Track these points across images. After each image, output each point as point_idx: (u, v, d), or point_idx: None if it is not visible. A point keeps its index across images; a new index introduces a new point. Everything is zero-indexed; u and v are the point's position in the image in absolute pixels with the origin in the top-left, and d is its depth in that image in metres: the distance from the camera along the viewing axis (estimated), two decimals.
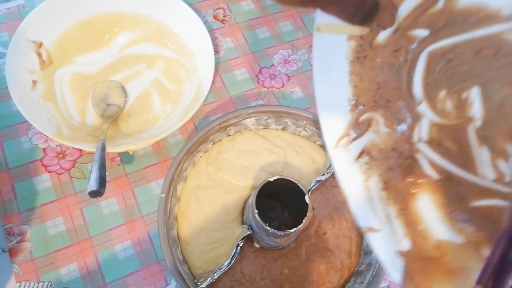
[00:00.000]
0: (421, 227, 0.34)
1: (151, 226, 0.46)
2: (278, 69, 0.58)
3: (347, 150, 0.37)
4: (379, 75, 0.34)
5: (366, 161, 0.37)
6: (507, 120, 0.29)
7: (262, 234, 0.39)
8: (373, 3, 0.26)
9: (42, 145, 0.48)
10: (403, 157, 0.35)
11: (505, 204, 0.29)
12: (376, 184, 0.36)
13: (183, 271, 0.40)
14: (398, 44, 0.32)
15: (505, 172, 0.29)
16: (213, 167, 0.47)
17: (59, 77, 0.49)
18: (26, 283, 0.42)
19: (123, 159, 0.49)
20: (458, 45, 0.29)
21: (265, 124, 0.49)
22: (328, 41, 0.33)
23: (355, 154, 0.37)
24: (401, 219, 0.35)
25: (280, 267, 0.43)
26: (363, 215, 0.36)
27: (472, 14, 0.27)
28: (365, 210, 0.36)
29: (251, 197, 0.40)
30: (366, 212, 0.36)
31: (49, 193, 0.46)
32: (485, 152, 0.30)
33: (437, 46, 0.30)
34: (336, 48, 0.34)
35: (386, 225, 0.35)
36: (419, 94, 0.33)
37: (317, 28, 0.33)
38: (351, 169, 0.37)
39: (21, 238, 0.44)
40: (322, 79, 0.36)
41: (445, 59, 0.30)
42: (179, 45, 0.53)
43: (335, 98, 0.35)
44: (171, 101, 0.51)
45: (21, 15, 0.56)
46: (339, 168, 0.37)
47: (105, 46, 0.53)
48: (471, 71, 0.29)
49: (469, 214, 0.31)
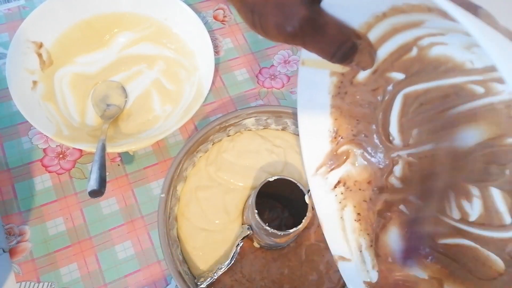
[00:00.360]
0: (390, 260, 0.35)
1: (151, 226, 0.46)
2: (278, 70, 0.58)
3: (325, 179, 0.39)
4: (358, 111, 0.36)
5: (342, 191, 0.39)
6: (471, 163, 0.30)
7: (262, 234, 0.39)
8: (351, 45, 0.27)
9: (42, 146, 0.48)
10: (377, 191, 0.36)
11: (468, 243, 0.30)
12: (350, 215, 0.38)
13: (183, 271, 0.40)
14: (376, 84, 0.34)
15: (469, 212, 0.30)
16: (213, 167, 0.47)
17: (59, 78, 0.49)
18: (26, 283, 0.42)
19: (123, 159, 0.49)
20: (429, 90, 0.31)
21: (265, 124, 0.49)
22: (313, 75, 0.35)
23: (332, 183, 0.39)
24: (371, 251, 0.36)
25: (280, 267, 0.43)
26: (336, 244, 0.38)
27: (441, 64, 0.29)
28: (338, 238, 0.38)
29: (251, 197, 0.40)
30: (339, 241, 0.38)
31: (49, 193, 0.46)
32: (451, 192, 0.31)
33: (411, 89, 0.32)
34: (319, 82, 0.35)
35: (356, 255, 0.37)
36: (394, 132, 0.35)
37: (302, 62, 0.35)
38: (327, 197, 0.39)
39: (21, 238, 0.44)
40: (305, 109, 0.37)
41: (418, 102, 0.32)
42: (179, 45, 0.53)
43: (317, 128, 0.37)
44: (171, 101, 0.51)
45: (21, 15, 0.56)
46: (316, 195, 0.39)
47: (105, 46, 0.53)
48: (439, 115, 0.31)
49: (435, 251, 0.32)
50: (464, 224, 0.31)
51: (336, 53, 0.27)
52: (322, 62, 0.31)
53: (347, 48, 0.27)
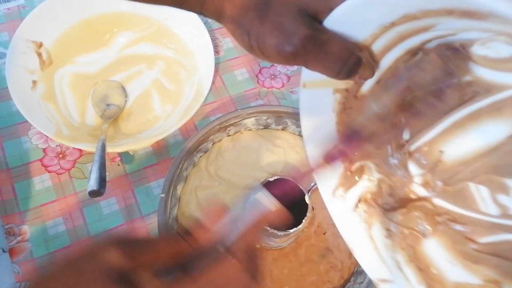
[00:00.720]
0: (434, 271, 0.33)
1: (151, 226, 0.46)
2: (278, 69, 0.58)
3: (344, 201, 0.36)
4: (366, 124, 0.34)
5: (365, 209, 0.36)
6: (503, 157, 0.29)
7: (262, 234, 0.39)
8: (356, 60, 0.26)
9: (42, 145, 0.48)
10: (400, 202, 0.35)
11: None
12: (379, 232, 0.35)
13: None
14: (381, 94, 0.32)
15: (508, 206, 0.29)
16: (213, 167, 0.47)
17: (59, 77, 0.49)
18: (26, 283, 0.42)
19: (123, 159, 0.49)
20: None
21: (265, 124, 0.49)
22: (315, 96, 0.34)
23: (352, 204, 0.36)
24: (411, 266, 0.34)
25: (280, 267, 0.43)
26: (373, 266, 0.35)
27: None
28: (373, 260, 0.35)
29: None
30: (375, 262, 0.35)
31: (49, 193, 0.46)
32: (484, 189, 0.30)
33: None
34: (322, 102, 0.34)
35: (397, 274, 0.34)
36: (407, 137, 0.33)
37: (303, 85, 0.33)
38: (351, 219, 0.36)
39: (21, 238, 0.44)
40: (311, 132, 0.36)
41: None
42: (179, 45, 0.53)
43: (325, 150, 0.35)
44: (171, 101, 0.51)
45: (21, 15, 0.56)
46: (338, 220, 0.36)
47: (105, 46, 0.53)
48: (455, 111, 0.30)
49: (479, 253, 0.31)
50: (506, 219, 0.29)
51: (341, 70, 0.26)
52: (324, 82, 0.30)
53: (352, 63, 0.26)
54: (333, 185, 0.37)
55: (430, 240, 0.33)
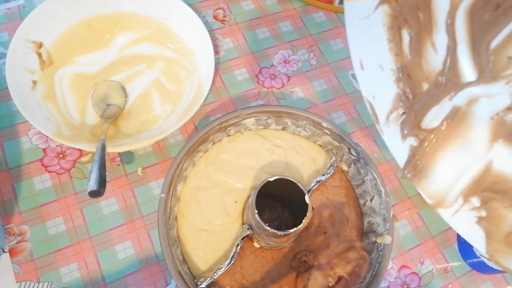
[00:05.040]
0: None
1: (151, 226, 0.46)
2: (278, 69, 0.58)
3: (398, 126, 0.32)
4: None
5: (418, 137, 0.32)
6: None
7: (262, 234, 0.39)
8: None
9: (42, 145, 0.48)
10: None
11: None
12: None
13: (183, 271, 0.40)
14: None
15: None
16: (212, 167, 0.47)
17: (59, 77, 0.49)
18: (26, 283, 0.42)
19: (123, 159, 0.49)
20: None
21: (265, 124, 0.49)
22: (361, 8, 0.30)
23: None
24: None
25: (280, 267, 0.43)
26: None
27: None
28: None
29: (251, 197, 0.40)
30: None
31: (49, 193, 0.46)
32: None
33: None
34: (370, 15, 0.30)
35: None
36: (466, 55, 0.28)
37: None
38: (403, 146, 0.32)
39: (21, 238, 0.44)
40: (360, 49, 0.32)
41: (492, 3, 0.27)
42: (179, 45, 0.53)
43: (377, 70, 0.31)
44: (171, 101, 0.51)
45: (21, 15, 0.56)
46: (392, 145, 0.32)
47: (105, 46, 0.53)
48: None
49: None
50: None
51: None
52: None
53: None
54: (387, 109, 0.32)
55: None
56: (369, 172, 0.45)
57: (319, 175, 0.46)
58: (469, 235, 0.29)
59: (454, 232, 0.50)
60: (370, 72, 0.30)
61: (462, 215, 0.29)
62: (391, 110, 0.32)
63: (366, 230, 0.46)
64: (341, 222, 0.46)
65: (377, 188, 0.44)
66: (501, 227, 0.28)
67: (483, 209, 0.29)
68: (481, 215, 0.29)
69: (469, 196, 0.30)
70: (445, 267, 0.49)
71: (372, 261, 0.42)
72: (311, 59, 0.60)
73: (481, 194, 0.30)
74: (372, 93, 0.30)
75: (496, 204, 0.28)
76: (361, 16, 0.30)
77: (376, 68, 0.30)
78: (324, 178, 0.45)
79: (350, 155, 0.47)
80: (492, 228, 0.28)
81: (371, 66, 0.30)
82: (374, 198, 0.45)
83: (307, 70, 0.59)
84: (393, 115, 0.32)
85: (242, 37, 0.60)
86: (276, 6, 0.63)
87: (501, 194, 0.28)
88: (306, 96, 0.57)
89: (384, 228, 0.43)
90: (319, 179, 0.45)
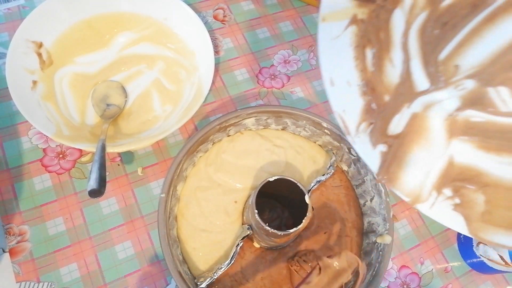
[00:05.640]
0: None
1: (151, 226, 0.46)
2: (278, 69, 0.58)
3: (368, 136, 0.36)
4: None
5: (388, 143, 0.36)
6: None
7: (262, 234, 0.39)
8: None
9: (42, 145, 0.48)
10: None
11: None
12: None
13: (183, 271, 0.40)
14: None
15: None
16: (212, 168, 0.47)
17: (59, 77, 0.49)
18: (26, 283, 0.42)
19: (123, 159, 0.49)
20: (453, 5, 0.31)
21: (265, 124, 0.49)
22: (332, 29, 0.33)
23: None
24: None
25: (280, 267, 0.43)
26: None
27: None
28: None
29: (251, 197, 0.40)
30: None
31: (49, 193, 0.46)
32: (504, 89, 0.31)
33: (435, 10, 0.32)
34: (340, 35, 0.33)
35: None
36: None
37: (323, 18, 0.33)
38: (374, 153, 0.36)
39: (21, 238, 0.44)
40: (330, 67, 0.35)
41: (441, 21, 0.32)
42: (179, 45, 0.53)
43: (345, 86, 0.35)
44: (171, 101, 0.51)
45: (21, 15, 0.56)
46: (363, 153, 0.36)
47: (105, 46, 0.53)
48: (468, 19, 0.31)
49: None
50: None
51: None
52: (341, 12, 0.30)
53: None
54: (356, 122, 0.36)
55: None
56: (369, 172, 0.45)
57: (319, 175, 0.46)
58: (450, 222, 0.33)
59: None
60: (339, 88, 0.34)
61: (439, 206, 0.33)
62: (360, 122, 0.35)
63: (366, 230, 0.46)
64: (341, 222, 0.46)
65: (377, 188, 0.44)
66: (475, 208, 0.32)
67: (456, 197, 0.33)
68: (456, 202, 0.33)
69: (440, 188, 0.34)
70: (445, 267, 0.49)
71: (372, 261, 0.42)
72: (311, 59, 0.60)
73: (451, 184, 0.34)
74: (342, 108, 0.34)
75: (466, 190, 0.32)
76: (333, 37, 0.34)
77: (344, 84, 0.34)
78: (324, 178, 0.45)
79: (350, 155, 0.47)
80: (468, 211, 0.32)
81: (340, 83, 0.34)
82: (374, 198, 0.45)
83: (307, 70, 0.59)
84: (362, 126, 0.36)
85: (242, 37, 0.60)
86: (276, 6, 0.63)
87: (467, 181, 0.32)
88: (306, 96, 0.57)
89: (384, 228, 0.43)
90: (319, 179, 0.45)
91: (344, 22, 0.33)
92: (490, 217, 0.32)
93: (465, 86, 0.31)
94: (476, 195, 0.32)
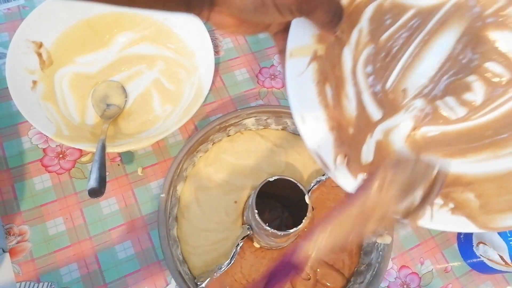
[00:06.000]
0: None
1: (151, 226, 0.46)
2: (278, 69, 0.58)
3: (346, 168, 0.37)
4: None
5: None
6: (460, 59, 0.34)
7: (262, 234, 0.39)
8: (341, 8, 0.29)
9: (42, 145, 0.48)
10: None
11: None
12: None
13: (183, 271, 0.40)
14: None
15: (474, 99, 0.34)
16: (212, 168, 0.47)
17: (59, 77, 0.49)
18: (26, 283, 0.42)
19: (123, 159, 0.49)
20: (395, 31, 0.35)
21: (265, 124, 0.49)
22: (299, 65, 0.35)
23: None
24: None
25: None
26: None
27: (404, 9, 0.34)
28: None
29: (251, 197, 0.40)
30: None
31: (49, 193, 0.46)
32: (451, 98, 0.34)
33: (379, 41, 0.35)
34: (304, 72, 0.35)
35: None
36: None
37: (290, 54, 0.35)
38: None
39: (21, 238, 0.44)
40: (298, 105, 0.37)
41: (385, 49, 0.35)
42: (179, 45, 0.53)
43: (314, 122, 0.36)
44: (171, 101, 0.51)
45: (21, 15, 0.56)
46: (347, 186, 0.38)
47: (105, 46, 0.53)
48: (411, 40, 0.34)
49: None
50: (472, 113, 0.33)
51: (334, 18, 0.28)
52: (305, 47, 0.32)
53: (340, 10, 0.29)
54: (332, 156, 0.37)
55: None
56: None
57: (319, 175, 0.46)
58: (456, 227, 0.34)
59: (454, 232, 0.50)
60: (310, 125, 0.35)
61: (438, 216, 0.34)
62: (335, 156, 0.36)
63: None
64: None
65: None
66: (471, 205, 0.33)
67: (449, 202, 0.34)
68: (451, 207, 0.34)
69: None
70: (445, 267, 0.49)
71: (372, 261, 0.42)
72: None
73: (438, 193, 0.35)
74: (316, 144, 0.35)
75: (454, 194, 0.34)
76: (298, 73, 0.35)
77: (314, 121, 0.35)
78: (324, 178, 0.45)
79: None
80: (466, 210, 0.33)
81: (310, 119, 0.35)
82: None
83: None
84: (338, 159, 0.37)
85: (242, 37, 0.60)
86: None
87: (451, 186, 0.34)
88: None
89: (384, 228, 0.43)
90: (319, 179, 0.45)
91: (307, 58, 0.35)
92: (490, 207, 0.33)
93: (415, 106, 0.34)
94: (465, 194, 0.34)
